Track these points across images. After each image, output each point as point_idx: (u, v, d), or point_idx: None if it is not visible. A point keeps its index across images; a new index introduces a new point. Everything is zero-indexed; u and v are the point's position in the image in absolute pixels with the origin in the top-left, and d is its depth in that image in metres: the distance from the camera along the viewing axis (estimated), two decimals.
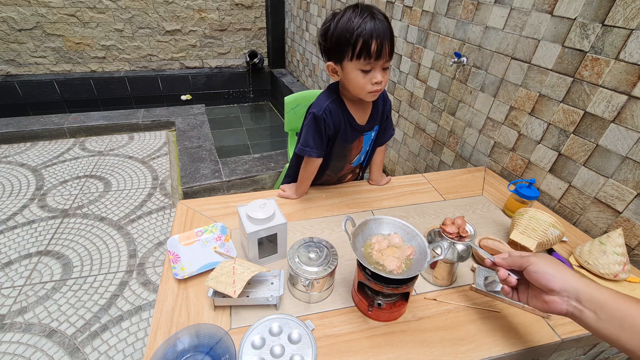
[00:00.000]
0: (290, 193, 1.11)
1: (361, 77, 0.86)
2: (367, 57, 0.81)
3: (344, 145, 1.05)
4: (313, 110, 0.97)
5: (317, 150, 1.00)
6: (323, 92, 1.01)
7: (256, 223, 0.79)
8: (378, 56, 0.82)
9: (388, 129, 1.13)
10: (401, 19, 1.85)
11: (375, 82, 0.85)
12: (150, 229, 1.92)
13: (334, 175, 1.17)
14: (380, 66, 0.85)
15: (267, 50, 4.15)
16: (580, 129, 1.06)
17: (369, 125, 1.04)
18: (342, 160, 1.11)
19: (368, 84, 0.86)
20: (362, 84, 0.86)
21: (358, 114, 1.00)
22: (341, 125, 0.98)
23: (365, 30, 0.79)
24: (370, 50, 0.80)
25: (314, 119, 0.96)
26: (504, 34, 1.27)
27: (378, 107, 1.04)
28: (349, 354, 0.67)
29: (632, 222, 0.96)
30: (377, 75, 0.85)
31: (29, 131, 2.65)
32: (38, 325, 1.41)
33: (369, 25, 0.79)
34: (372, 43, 0.80)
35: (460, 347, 0.69)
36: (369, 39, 0.79)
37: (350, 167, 1.15)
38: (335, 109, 0.97)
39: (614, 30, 0.94)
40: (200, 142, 2.66)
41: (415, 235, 0.71)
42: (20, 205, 2.04)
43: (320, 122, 0.96)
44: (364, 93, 0.89)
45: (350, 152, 1.09)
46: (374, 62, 0.83)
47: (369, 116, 1.03)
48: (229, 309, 0.75)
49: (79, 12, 3.32)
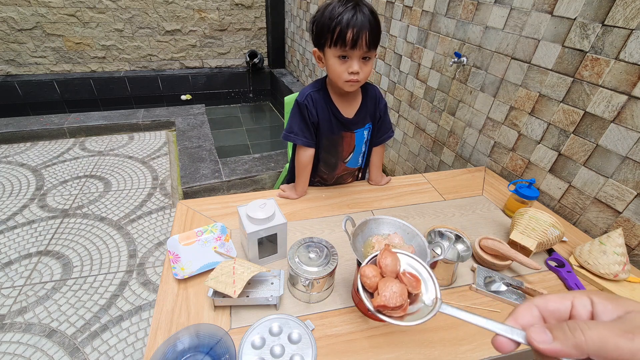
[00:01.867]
0: (290, 193, 1.11)
1: (338, 64, 0.89)
2: (342, 44, 0.85)
3: (330, 138, 1.05)
4: (297, 98, 1.01)
5: (302, 137, 1.02)
6: (309, 84, 1.04)
7: (256, 223, 0.79)
8: (354, 45, 0.84)
9: (384, 130, 1.13)
10: (401, 19, 1.85)
11: (351, 71, 0.88)
12: (150, 229, 1.92)
13: (329, 173, 1.16)
14: (358, 56, 0.87)
15: (267, 50, 4.15)
16: (580, 129, 1.06)
17: (357, 120, 1.05)
18: (332, 155, 1.10)
19: (345, 73, 0.89)
20: (339, 72, 0.90)
21: (343, 106, 1.02)
22: (325, 115, 1.01)
23: (344, 19, 0.83)
24: (345, 38, 0.84)
25: (297, 105, 1.01)
26: (504, 34, 1.27)
27: (367, 103, 1.05)
28: (349, 354, 0.67)
29: (632, 222, 0.96)
30: (354, 64, 0.87)
31: (29, 131, 2.65)
32: (38, 325, 1.41)
33: (348, 14, 0.83)
34: (347, 31, 0.83)
35: (460, 347, 0.69)
36: (345, 27, 0.83)
37: (345, 166, 1.15)
38: (319, 98, 1.00)
39: (614, 30, 0.94)
40: (200, 142, 2.66)
41: (415, 235, 0.71)
42: (20, 205, 2.04)
43: (303, 108, 0.99)
44: (342, 82, 0.92)
45: (339, 147, 1.08)
46: (350, 51, 0.86)
47: (357, 111, 1.04)
48: (229, 309, 0.75)
49: (79, 12, 3.32)
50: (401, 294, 0.44)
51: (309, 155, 1.05)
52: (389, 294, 0.43)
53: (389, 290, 0.44)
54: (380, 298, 0.44)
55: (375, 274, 0.48)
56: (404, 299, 0.43)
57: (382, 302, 0.43)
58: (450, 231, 0.84)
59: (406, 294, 0.44)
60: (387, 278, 0.47)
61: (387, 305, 0.43)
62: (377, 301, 0.44)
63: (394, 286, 0.44)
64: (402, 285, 0.45)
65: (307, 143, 1.03)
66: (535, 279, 0.87)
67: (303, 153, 1.05)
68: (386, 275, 0.48)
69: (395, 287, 0.44)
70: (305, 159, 1.05)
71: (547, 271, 0.90)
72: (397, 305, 0.43)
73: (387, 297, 0.43)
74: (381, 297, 0.44)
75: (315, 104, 0.99)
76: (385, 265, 0.48)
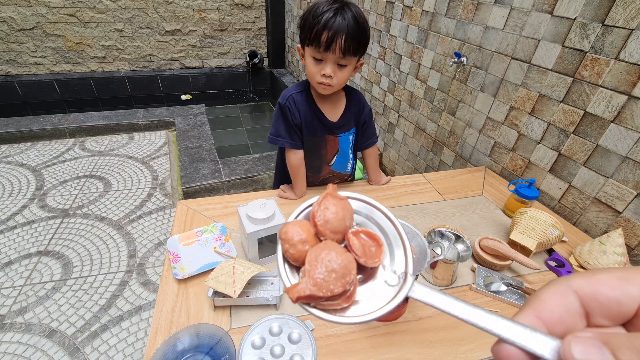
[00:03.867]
0: (290, 194, 1.11)
1: (313, 64, 0.89)
2: (317, 45, 0.84)
3: (312, 140, 1.04)
4: (279, 100, 1.00)
5: (290, 140, 1.01)
6: (293, 85, 1.03)
7: (256, 223, 0.79)
8: (327, 48, 0.83)
9: (368, 135, 1.12)
10: (401, 19, 1.85)
11: (323, 73, 0.87)
12: (150, 229, 1.92)
13: (314, 175, 1.15)
14: (333, 61, 0.86)
15: (267, 50, 4.15)
16: (580, 129, 1.06)
17: (342, 124, 1.04)
18: (316, 157, 1.09)
19: (318, 74, 0.89)
20: (313, 72, 0.89)
21: (326, 108, 1.01)
22: (308, 117, 1.00)
23: (322, 19, 0.81)
24: (320, 39, 0.82)
25: (279, 108, 0.99)
26: (504, 34, 1.27)
27: (351, 108, 1.05)
28: (349, 354, 0.67)
29: (632, 222, 0.96)
30: (327, 68, 0.87)
31: (29, 131, 2.65)
32: (38, 325, 1.41)
33: (328, 15, 0.81)
34: (323, 33, 0.82)
35: (460, 347, 0.69)
36: (322, 28, 0.81)
37: (329, 169, 1.13)
38: (302, 100, 0.99)
39: (614, 30, 0.94)
40: (200, 142, 2.66)
41: (415, 235, 0.71)
42: (20, 205, 2.04)
43: (285, 110, 0.98)
44: (315, 82, 0.91)
45: (322, 150, 1.07)
46: (324, 53, 0.85)
47: (342, 115, 1.03)
48: (229, 309, 0.75)
49: (79, 12, 3.32)
50: (344, 273, 0.25)
51: (299, 158, 1.04)
52: (322, 276, 0.25)
53: (323, 268, 0.25)
54: (305, 283, 0.25)
55: (306, 236, 0.28)
56: (347, 281, 0.25)
57: (307, 291, 0.25)
58: (450, 231, 0.84)
59: (354, 269, 0.26)
60: (325, 244, 0.27)
61: (316, 295, 0.25)
62: (300, 288, 0.25)
63: (332, 259, 0.26)
64: (347, 255, 0.27)
65: (294, 145, 1.02)
66: (535, 279, 0.87)
67: (293, 156, 1.03)
68: (325, 237, 0.28)
69: (334, 262, 0.25)
70: (296, 162, 1.04)
71: (547, 271, 0.90)
72: (334, 294, 0.25)
73: (319, 280, 0.25)
74: (308, 280, 0.25)
75: (297, 106, 0.98)
76: (324, 221, 0.28)
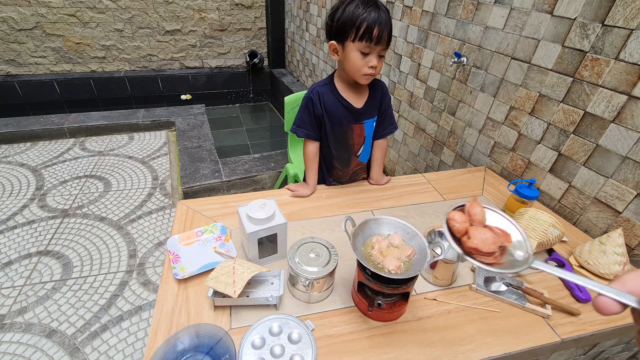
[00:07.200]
0: (303, 190, 1.13)
1: (360, 58, 0.94)
2: (368, 40, 0.91)
3: (339, 130, 1.09)
4: (306, 93, 1.08)
5: (305, 129, 1.08)
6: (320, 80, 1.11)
7: (256, 223, 0.79)
8: (378, 41, 0.91)
9: (387, 122, 1.16)
10: (401, 19, 1.85)
11: (371, 65, 0.94)
12: (150, 229, 1.92)
13: (343, 169, 1.18)
14: (377, 52, 0.94)
15: (267, 50, 4.15)
16: (580, 129, 1.06)
17: (367, 111, 1.08)
18: (345, 149, 1.12)
19: (364, 67, 0.95)
20: (360, 65, 0.95)
21: (352, 97, 1.06)
22: (333, 107, 1.05)
23: (370, 17, 0.89)
24: (372, 34, 0.90)
25: (304, 100, 1.07)
26: (504, 34, 1.27)
27: (376, 95, 1.10)
28: (349, 354, 0.67)
29: (632, 222, 0.96)
30: (374, 59, 0.94)
31: (29, 131, 2.65)
32: (38, 325, 1.41)
33: (374, 13, 0.90)
34: (374, 28, 0.89)
35: (460, 347, 0.69)
36: (372, 24, 0.89)
37: (358, 160, 1.17)
38: (326, 91, 1.05)
39: (614, 30, 0.94)
40: (200, 142, 2.66)
41: (415, 235, 0.71)
42: (20, 205, 2.04)
43: (309, 102, 1.06)
44: (359, 74, 0.97)
45: (350, 140, 1.11)
46: (373, 47, 0.92)
47: (366, 101, 1.08)
48: (229, 309, 0.75)
49: (79, 12, 3.32)
50: (494, 242, 0.44)
51: (314, 149, 1.12)
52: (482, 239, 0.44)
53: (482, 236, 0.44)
54: (473, 241, 0.44)
55: (465, 219, 0.47)
56: (496, 247, 0.44)
57: (474, 245, 0.43)
58: None
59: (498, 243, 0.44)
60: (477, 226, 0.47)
61: (480, 249, 0.43)
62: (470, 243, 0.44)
63: (486, 233, 0.45)
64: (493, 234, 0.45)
65: (310, 136, 1.09)
66: (535, 279, 0.87)
67: (311, 146, 1.11)
68: (475, 223, 0.48)
69: (488, 235, 0.44)
70: (312, 151, 1.12)
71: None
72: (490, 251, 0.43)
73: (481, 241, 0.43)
74: (474, 240, 0.44)
75: (321, 97, 1.04)
76: (474, 214, 0.48)
